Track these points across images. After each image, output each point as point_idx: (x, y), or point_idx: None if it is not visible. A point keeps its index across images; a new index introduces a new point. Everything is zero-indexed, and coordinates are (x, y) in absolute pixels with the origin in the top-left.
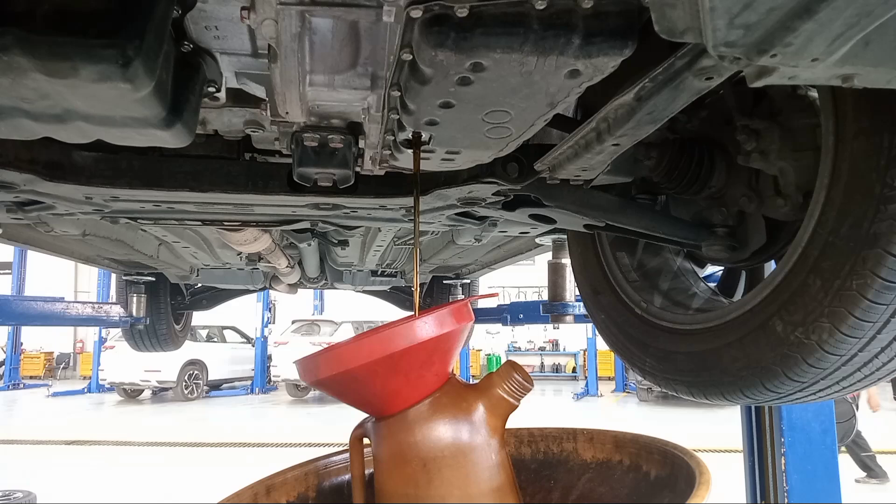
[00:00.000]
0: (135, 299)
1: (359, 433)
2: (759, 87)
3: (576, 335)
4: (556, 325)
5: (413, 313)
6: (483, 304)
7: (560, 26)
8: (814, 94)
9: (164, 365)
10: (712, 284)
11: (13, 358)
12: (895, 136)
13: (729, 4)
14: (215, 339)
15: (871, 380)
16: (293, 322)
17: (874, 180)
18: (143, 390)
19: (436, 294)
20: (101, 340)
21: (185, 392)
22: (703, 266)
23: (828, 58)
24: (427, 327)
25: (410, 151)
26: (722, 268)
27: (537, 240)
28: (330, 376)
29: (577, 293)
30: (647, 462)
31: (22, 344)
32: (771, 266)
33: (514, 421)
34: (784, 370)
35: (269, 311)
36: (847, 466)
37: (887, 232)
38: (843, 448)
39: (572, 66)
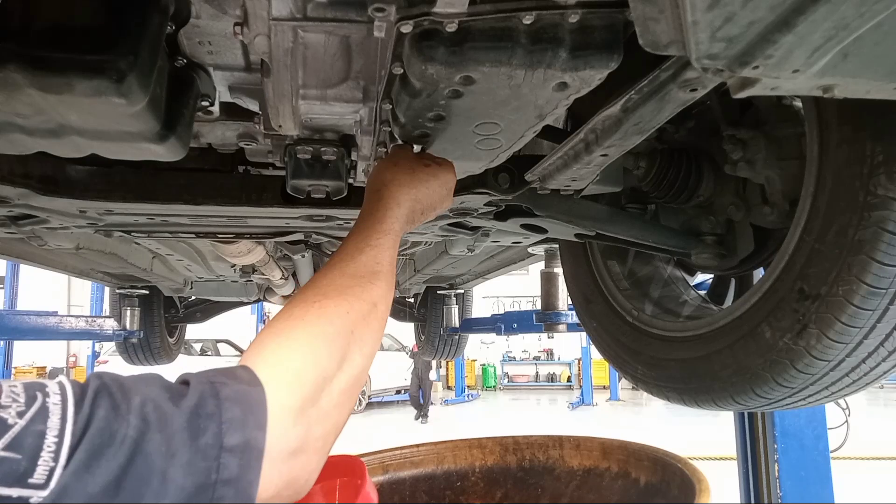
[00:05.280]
0: (128, 312)
1: None
2: (743, 97)
3: (570, 344)
4: (550, 335)
5: None
6: (477, 313)
7: (547, 40)
8: (798, 103)
9: None
10: (703, 292)
11: (5, 373)
12: (877, 145)
13: (711, 18)
14: (209, 353)
15: (860, 385)
16: None
17: (858, 188)
18: None
19: (430, 304)
20: (95, 355)
21: None
22: (693, 274)
23: (808, 69)
24: None
25: None
26: (712, 275)
27: (529, 249)
28: None
29: (570, 302)
30: (636, 469)
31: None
32: (760, 273)
33: (503, 430)
34: (773, 376)
35: (264, 324)
36: (839, 471)
37: (871, 238)
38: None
39: (560, 78)
